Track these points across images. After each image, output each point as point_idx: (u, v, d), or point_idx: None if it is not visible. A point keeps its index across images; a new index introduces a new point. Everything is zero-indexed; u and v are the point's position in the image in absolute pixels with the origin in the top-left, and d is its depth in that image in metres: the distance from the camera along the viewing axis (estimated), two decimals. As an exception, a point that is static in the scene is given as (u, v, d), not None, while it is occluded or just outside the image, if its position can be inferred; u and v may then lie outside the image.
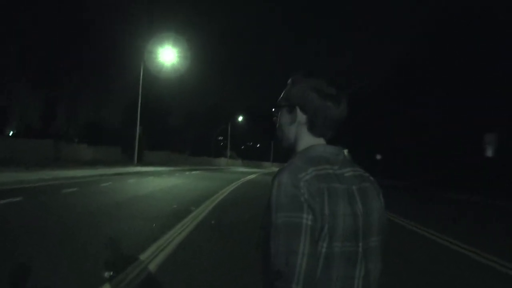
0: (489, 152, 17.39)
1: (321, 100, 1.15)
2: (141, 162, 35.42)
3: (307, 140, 1.18)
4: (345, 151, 1.18)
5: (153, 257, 5.07)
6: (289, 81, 1.24)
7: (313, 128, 1.18)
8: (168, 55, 33.46)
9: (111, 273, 4.24)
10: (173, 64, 35.69)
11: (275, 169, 77.73)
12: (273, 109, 1.28)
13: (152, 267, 4.67)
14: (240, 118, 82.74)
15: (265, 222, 1.04)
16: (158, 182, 17.76)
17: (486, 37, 25.75)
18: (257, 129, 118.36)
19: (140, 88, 31.47)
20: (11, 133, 37.81)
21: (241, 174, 35.20)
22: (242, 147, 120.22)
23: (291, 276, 0.94)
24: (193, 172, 30.80)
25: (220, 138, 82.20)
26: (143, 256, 5.05)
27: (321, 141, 1.18)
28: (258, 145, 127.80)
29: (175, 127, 61.80)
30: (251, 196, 14.47)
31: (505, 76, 24.04)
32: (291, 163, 1.10)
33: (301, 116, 1.18)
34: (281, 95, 1.26)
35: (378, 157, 45.42)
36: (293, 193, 1.00)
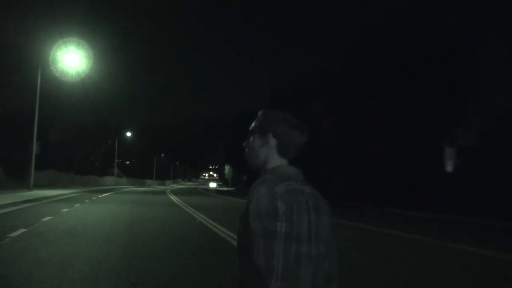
0: (449, 168, 17.85)
1: (290, 130, 1.36)
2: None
3: (275, 161, 1.37)
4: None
5: None
6: (260, 113, 1.44)
7: (281, 151, 1.38)
8: (70, 60, 28.95)
9: None
10: (71, 70, 31.09)
11: (162, 187, 73.84)
12: (248, 135, 1.45)
13: None
14: (129, 134, 77.39)
15: (242, 227, 1.22)
16: (98, 212, 14.59)
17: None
18: (142, 146, 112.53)
19: (38, 97, 26.61)
20: None
21: (154, 194, 31.99)
22: (113, 164, 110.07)
23: (271, 274, 1.12)
24: (105, 195, 26.92)
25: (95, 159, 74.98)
26: None
27: (285, 162, 1.38)
28: (127, 162, 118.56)
29: (57, 142, 54.46)
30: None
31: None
32: (266, 178, 1.29)
33: (272, 141, 1.38)
34: (253, 124, 1.44)
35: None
36: (269, 204, 1.18)
